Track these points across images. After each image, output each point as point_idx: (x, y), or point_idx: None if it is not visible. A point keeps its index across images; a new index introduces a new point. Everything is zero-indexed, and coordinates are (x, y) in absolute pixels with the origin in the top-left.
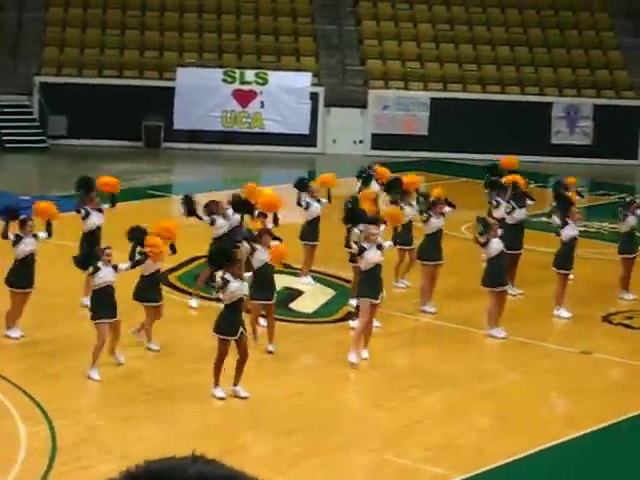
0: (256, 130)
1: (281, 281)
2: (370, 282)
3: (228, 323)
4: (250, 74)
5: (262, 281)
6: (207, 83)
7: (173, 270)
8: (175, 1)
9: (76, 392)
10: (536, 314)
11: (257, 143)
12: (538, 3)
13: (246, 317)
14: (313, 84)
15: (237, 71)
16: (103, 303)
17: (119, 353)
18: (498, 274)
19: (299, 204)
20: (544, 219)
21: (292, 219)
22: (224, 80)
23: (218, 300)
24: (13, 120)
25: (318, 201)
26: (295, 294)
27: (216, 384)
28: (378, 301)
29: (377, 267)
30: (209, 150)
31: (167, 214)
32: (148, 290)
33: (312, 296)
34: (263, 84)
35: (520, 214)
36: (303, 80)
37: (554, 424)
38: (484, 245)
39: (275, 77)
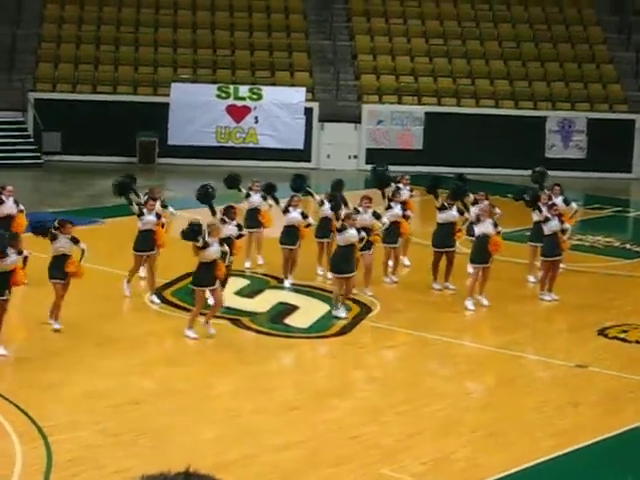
0: (250, 145)
1: (277, 297)
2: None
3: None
4: (244, 89)
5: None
6: (201, 99)
7: (168, 286)
8: (169, 18)
9: (71, 407)
10: (533, 327)
11: (251, 158)
12: (531, 17)
13: None
14: (307, 99)
15: (231, 86)
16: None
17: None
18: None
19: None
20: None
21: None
22: (218, 96)
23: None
24: (8, 136)
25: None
26: (290, 309)
27: (190, 327)
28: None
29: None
30: (204, 165)
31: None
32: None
33: (307, 311)
34: (257, 99)
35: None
36: (297, 95)
37: (549, 438)
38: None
39: (269, 92)
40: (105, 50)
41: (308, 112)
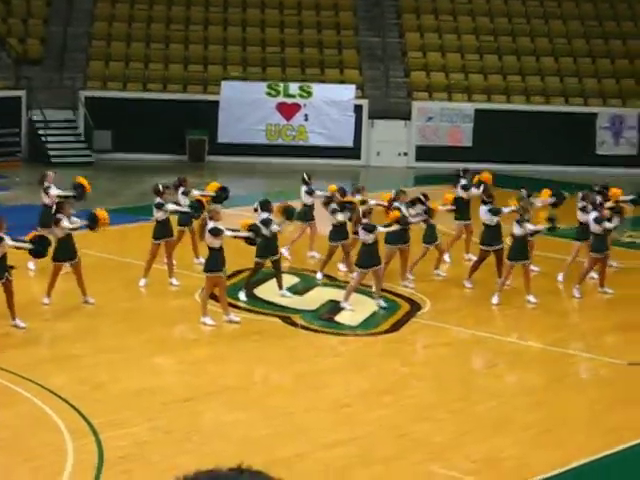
0: (300, 143)
1: (326, 294)
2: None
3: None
4: (294, 87)
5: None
6: (251, 96)
7: None
8: (219, 15)
9: (122, 404)
10: (583, 325)
11: (301, 156)
12: (582, 14)
13: None
14: (357, 96)
15: (281, 84)
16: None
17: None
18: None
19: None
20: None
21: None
22: (268, 93)
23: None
24: (59, 135)
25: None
26: (340, 307)
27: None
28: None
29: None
30: (253, 163)
31: None
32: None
33: (357, 309)
34: (307, 97)
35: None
36: (347, 93)
37: (599, 437)
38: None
39: (319, 90)
40: (155, 48)
41: (358, 109)
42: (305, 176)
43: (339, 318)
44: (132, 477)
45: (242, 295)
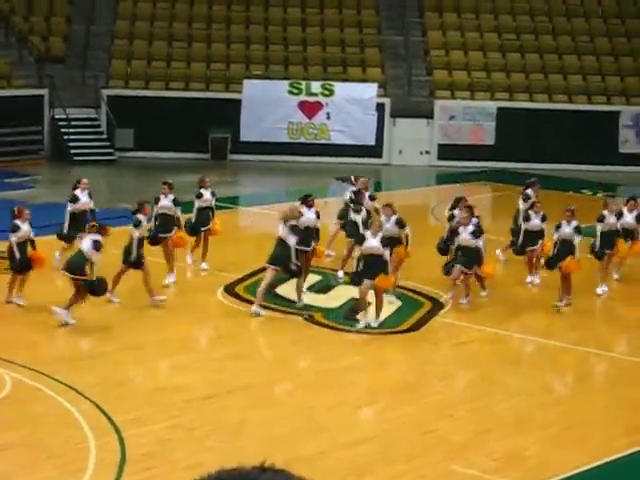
0: (322, 141)
1: (349, 292)
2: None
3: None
4: (316, 85)
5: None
6: (273, 95)
7: (241, 281)
8: (241, 14)
9: (144, 402)
10: (603, 325)
11: (323, 154)
12: (604, 12)
13: None
14: (379, 95)
15: (303, 83)
16: None
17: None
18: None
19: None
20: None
21: None
22: (290, 92)
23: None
24: (81, 133)
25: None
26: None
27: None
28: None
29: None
30: (275, 162)
31: (234, 225)
32: None
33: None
34: (329, 95)
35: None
36: (369, 91)
37: (620, 436)
38: None
39: (341, 88)
40: (177, 47)
41: (380, 108)
42: (352, 178)
43: (361, 317)
44: (154, 475)
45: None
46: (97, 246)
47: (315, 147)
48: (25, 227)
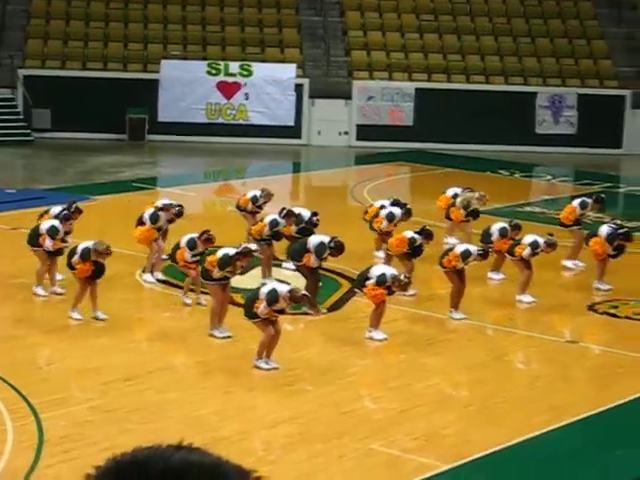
0: (240, 122)
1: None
2: None
3: None
4: (234, 66)
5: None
6: (191, 75)
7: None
8: None
9: (62, 385)
10: (521, 303)
11: (242, 135)
12: None
13: None
14: (297, 76)
15: (221, 63)
16: None
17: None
18: None
19: None
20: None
21: None
22: (208, 72)
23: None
24: None
25: None
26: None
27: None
28: None
29: None
30: (194, 142)
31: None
32: None
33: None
34: (247, 76)
35: None
36: (288, 72)
37: (539, 414)
38: None
39: (259, 69)
40: (94, 27)
41: (298, 88)
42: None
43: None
44: (73, 457)
45: None
46: None
47: (234, 127)
48: None
